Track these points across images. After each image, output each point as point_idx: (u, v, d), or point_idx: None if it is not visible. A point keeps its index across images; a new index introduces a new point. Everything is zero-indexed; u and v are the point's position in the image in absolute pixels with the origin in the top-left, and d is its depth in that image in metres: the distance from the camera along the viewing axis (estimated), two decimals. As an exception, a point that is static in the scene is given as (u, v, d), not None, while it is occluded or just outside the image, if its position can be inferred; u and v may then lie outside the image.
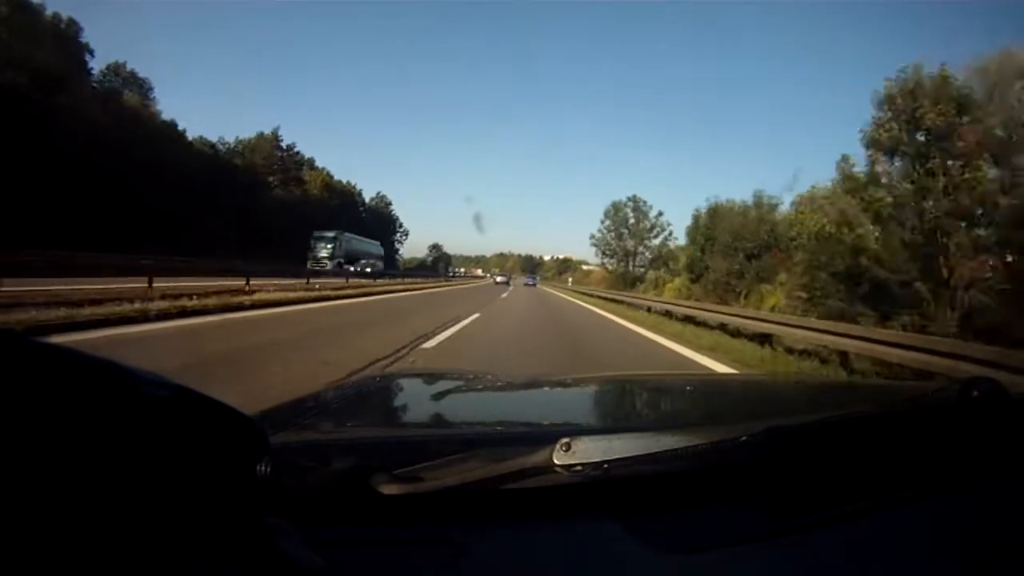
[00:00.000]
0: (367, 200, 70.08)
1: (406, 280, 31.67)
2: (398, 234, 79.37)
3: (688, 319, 11.24)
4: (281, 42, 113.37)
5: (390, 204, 77.25)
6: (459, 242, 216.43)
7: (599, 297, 24.27)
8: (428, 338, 6.44)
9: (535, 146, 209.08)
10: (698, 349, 7.07)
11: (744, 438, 0.61)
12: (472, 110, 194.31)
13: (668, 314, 12.69)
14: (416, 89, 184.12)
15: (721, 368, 5.53)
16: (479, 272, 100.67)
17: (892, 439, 0.70)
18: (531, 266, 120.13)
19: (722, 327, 9.35)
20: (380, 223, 69.65)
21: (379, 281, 25.09)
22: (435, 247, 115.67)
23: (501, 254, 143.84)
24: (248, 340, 5.52)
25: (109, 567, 0.34)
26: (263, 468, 0.51)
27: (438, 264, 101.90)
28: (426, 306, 12.83)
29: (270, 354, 4.75)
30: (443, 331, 7.21)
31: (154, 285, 9.09)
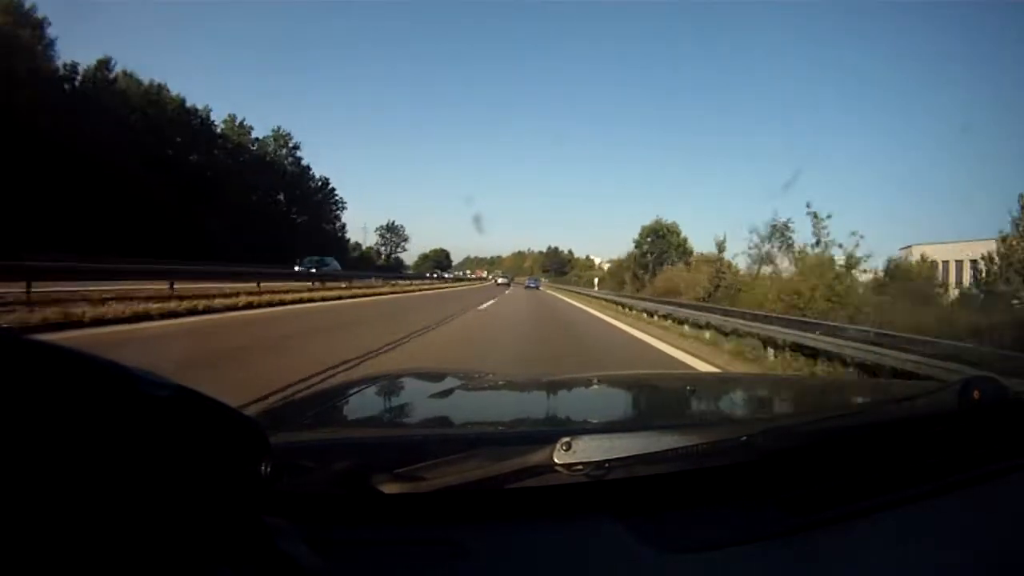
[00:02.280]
0: (258, 138, 40.57)
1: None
2: (332, 207, 49.26)
3: None
4: (280, 41, 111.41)
5: (296, 148, 44.56)
6: (476, 243, 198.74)
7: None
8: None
9: (547, 139, 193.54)
10: None
11: (744, 438, 0.61)
12: (474, 106, 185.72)
13: None
14: (412, 88, 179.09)
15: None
16: (484, 274, 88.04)
17: (892, 439, 0.70)
18: (556, 264, 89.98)
19: None
20: (271, 175, 41.08)
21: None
22: (391, 228, 67.43)
23: (519, 252, 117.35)
24: None
25: (109, 567, 0.34)
26: (263, 468, 0.51)
27: (393, 258, 61.89)
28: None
29: None
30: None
31: None
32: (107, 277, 9.73)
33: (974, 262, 17.81)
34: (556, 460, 0.55)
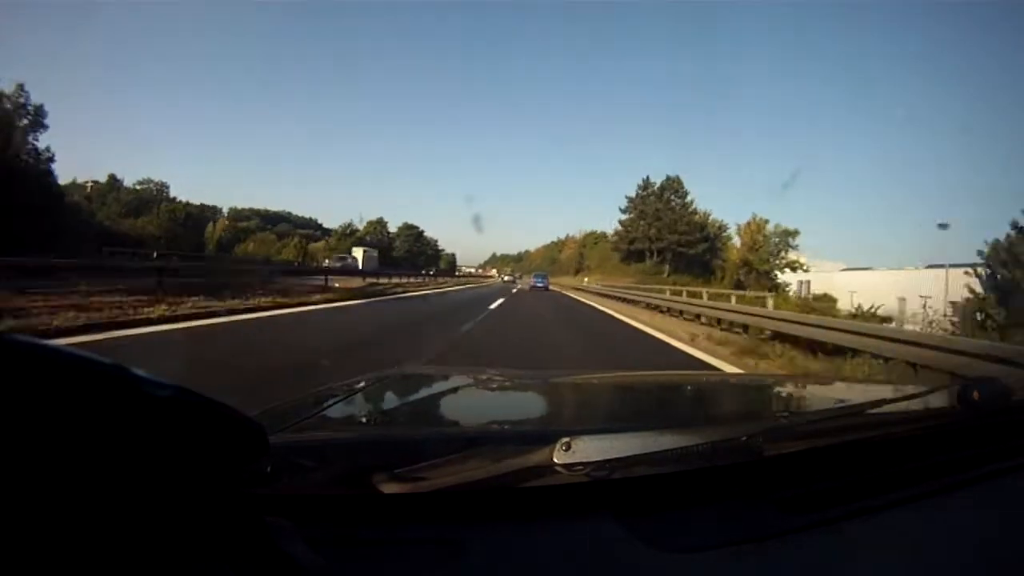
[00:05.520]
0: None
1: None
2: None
3: None
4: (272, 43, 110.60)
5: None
6: (506, 241, 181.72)
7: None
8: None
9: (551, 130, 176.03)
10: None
11: (744, 438, 0.61)
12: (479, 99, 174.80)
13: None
14: (408, 86, 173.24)
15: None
16: (493, 272, 79.70)
17: (891, 439, 0.70)
18: (684, 235, 43.79)
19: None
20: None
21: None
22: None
23: (554, 242, 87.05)
24: None
25: (109, 567, 0.34)
26: (263, 468, 0.51)
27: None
28: None
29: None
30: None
31: None
32: None
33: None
34: (556, 460, 0.55)
